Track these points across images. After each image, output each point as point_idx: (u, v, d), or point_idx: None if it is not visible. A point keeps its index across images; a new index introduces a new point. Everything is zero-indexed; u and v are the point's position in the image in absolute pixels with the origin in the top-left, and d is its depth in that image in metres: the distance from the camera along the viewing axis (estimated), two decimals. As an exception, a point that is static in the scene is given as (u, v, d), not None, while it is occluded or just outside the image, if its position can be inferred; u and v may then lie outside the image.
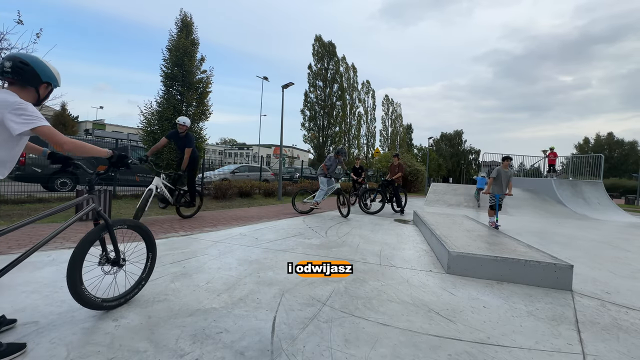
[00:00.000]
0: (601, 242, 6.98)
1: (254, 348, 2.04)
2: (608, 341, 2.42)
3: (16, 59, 1.93)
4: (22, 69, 1.92)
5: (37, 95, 2.02)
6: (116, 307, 2.47)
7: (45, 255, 3.59)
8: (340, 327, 2.38)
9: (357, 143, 39.66)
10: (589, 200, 13.49)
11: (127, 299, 2.57)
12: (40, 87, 2.02)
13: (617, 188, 37.80)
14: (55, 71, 2.08)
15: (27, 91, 1.97)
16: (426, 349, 2.15)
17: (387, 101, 49.99)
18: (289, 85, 14.17)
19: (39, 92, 2.02)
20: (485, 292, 3.28)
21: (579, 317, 2.83)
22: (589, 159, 17.51)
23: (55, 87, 2.12)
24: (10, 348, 1.81)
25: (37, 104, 2.05)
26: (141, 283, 2.72)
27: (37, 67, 1.97)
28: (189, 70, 10.27)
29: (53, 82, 2.07)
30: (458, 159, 55.70)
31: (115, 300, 2.47)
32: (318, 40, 34.50)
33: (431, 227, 5.48)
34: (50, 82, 2.04)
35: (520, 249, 4.25)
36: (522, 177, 20.38)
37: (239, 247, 4.63)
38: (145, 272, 2.75)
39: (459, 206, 12.61)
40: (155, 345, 2.00)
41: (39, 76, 1.97)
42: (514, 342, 2.31)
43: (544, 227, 8.90)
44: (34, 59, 1.99)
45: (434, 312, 2.74)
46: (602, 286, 3.73)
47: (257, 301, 2.76)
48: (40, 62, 2.00)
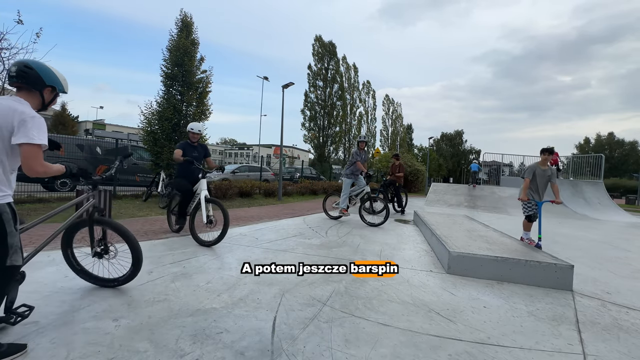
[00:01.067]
0: (602, 242, 6.98)
1: (254, 348, 2.04)
2: (608, 341, 2.42)
3: (21, 64, 2.00)
4: (27, 73, 1.96)
5: (42, 99, 2.06)
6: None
7: (45, 255, 3.58)
8: (340, 327, 2.38)
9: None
10: (589, 200, 13.48)
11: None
12: (45, 91, 2.05)
13: (617, 188, 37.70)
14: (61, 77, 2.13)
15: (32, 95, 2.01)
16: (426, 349, 2.15)
17: (387, 101, 49.91)
18: (289, 85, 14.16)
19: (43, 96, 2.06)
20: (486, 292, 3.28)
21: (579, 317, 2.83)
22: (590, 159, 17.50)
23: (61, 92, 2.16)
24: (10, 349, 1.82)
25: (43, 109, 2.11)
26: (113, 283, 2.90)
27: (41, 71, 2.01)
28: (189, 70, 10.25)
29: (58, 86, 2.10)
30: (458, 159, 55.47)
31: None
32: (318, 40, 34.43)
33: (431, 227, 5.48)
34: (54, 85, 2.08)
35: (521, 249, 4.24)
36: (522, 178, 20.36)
37: (239, 247, 4.63)
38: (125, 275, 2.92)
39: (460, 206, 12.60)
40: (155, 346, 2.00)
41: (42, 80, 2.01)
42: (515, 342, 2.31)
43: (544, 227, 8.88)
44: (38, 64, 2.04)
45: (434, 312, 2.74)
46: (603, 286, 3.73)
47: (257, 301, 2.76)
48: (44, 66, 2.05)
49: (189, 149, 5.15)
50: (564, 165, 17.97)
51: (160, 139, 9.75)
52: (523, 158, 20.51)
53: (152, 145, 9.81)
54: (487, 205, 12.57)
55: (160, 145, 9.67)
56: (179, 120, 9.95)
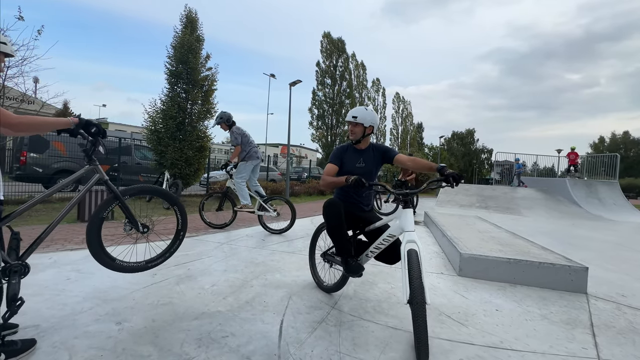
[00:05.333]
0: (617, 243, 6.81)
1: (260, 352, 2.01)
2: (624, 345, 2.37)
3: None
4: None
5: None
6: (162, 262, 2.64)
7: (46, 257, 3.58)
8: (349, 331, 2.34)
9: (367, 142, 39.36)
10: (604, 201, 13.21)
11: (171, 252, 2.70)
12: None
13: (633, 188, 36.91)
14: None
15: None
16: (437, 353, 2.12)
17: (397, 99, 49.50)
18: (296, 82, 14.14)
19: None
20: (498, 295, 3.21)
21: (594, 320, 2.77)
22: (605, 159, 17.16)
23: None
24: (24, 345, 1.84)
25: None
26: (180, 234, 2.75)
27: None
28: (193, 67, 10.10)
29: None
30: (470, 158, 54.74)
31: (160, 257, 2.62)
32: (326, 36, 34.06)
33: (442, 228, 5.39)
34: None
35: (534, 251, 4.15)
36: (535, 177, 20.10)
37: (245, 248, 4.60)
38: (179, 223, 2.76)
39: (471, 207, 12.41)
40: (159, 350, 1.97)
41: None
42: (527, 346, 2.27)
43: (557, 228, 8.72)
44: None
45: (445, 316, 2.69)
46: (618, 289, 3.63)
47: (263, 304, 2.72)
48: None
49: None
50: (578, 165, 17.64)
51: (164, 137, 9.61)
52: (536, 157, 20.27)
53: (156, 144, 9.71)
54: (499, 206, 12.36)
55: (164, 145, 9.56)
56: (183, 118, 9.87)
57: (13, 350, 1.78)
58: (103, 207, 2.37)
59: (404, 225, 2.29)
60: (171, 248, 2.70)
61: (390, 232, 2.43)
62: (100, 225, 2.32)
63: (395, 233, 2.40)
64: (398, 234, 2.37)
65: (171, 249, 2.70)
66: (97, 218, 2.33)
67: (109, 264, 2.33)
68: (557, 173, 19.74)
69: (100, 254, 2.30)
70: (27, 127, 1.88)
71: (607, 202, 13.16)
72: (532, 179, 18.39)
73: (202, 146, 10.22)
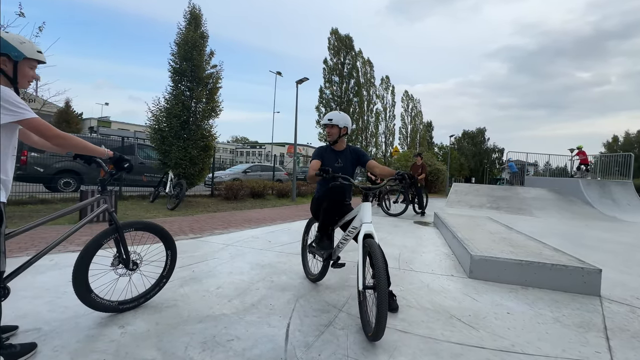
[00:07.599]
0: (631, 245, 6.64)
1: (266, 356, 1.98)
2: (638, 349, 2.33)
3: None
4: None
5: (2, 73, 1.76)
6: (134, 307, 2.50)
7: (47, 259, 3.53)
8: (357, 334, 2.31)
9: (375, 141, 39.12)
10: (618, 201, 12.95)
11: (147, 298, 2.59)
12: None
13: (647, 189, 36.16)
14: (16, 39, 1.78)
15: None
16: (447, 357, 2.09)
17: (406, 97, 48.68)
18: (303, 80, 14.08)
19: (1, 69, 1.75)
20: (510, 298, 3.16)
21: (607, 323, 2.73)
22: (618, 158, 16.83)
23: (21, 58, 1.78)
24: (24, 348, 1.82)
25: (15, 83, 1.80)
26: (162, 281, 2.70)
27: None
28: (198, 64, 9.93)
29: (12, 53, 1.74)
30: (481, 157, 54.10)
31: (134, 301, 2.50)
32: (334, 33, 33.54)
33: (452, 229, 5.32)
34: (7, 53, 1.74)
35: (546, 252, 4.06)
36: (547, 177, 19.79)
37: (251, 250, 4.57)
38: (165, 270, 2.71)
39: (482, 207, 12.24)
40: (163, 353, 1.94)
41: None
42: (540, 350, 2.24)
43: (570, 229, 8.56)
44: None
45: (456, 319, 2.65)
46: (632, 291, 3.56)
47: (270, 307, 2.69)
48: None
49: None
50: (592, 164, 17.32)
51: (168, 136, 9.45)
52: (549, 157, 19.95)
53: (159, 143, 9.55)
54: (510, 207, 12.16)
55: (168, 144, 9.41)
56: (187, 117, 9.71)
57: (11, 354, 1.75)
58: (102, 237, 2.33)
59: (362, 217, 2.57)
60: (148, 294, 2.61)
61: (353, 225, 2.76)
62: (93, 254, 2.28)
63: (357, 225, 2.67)
64: (359, 225, 2.61)
65: (147, 295, 2.60)
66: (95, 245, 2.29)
67: (84, 296, 2.23)
68: (569, 173, 19.40)
69: (82, 284, 2.21)
70: (63, 143, 1.89)
71: (621, 203, 12.90)
72: (545, 179, 18.08)
73: (206, 145, 10.06)
